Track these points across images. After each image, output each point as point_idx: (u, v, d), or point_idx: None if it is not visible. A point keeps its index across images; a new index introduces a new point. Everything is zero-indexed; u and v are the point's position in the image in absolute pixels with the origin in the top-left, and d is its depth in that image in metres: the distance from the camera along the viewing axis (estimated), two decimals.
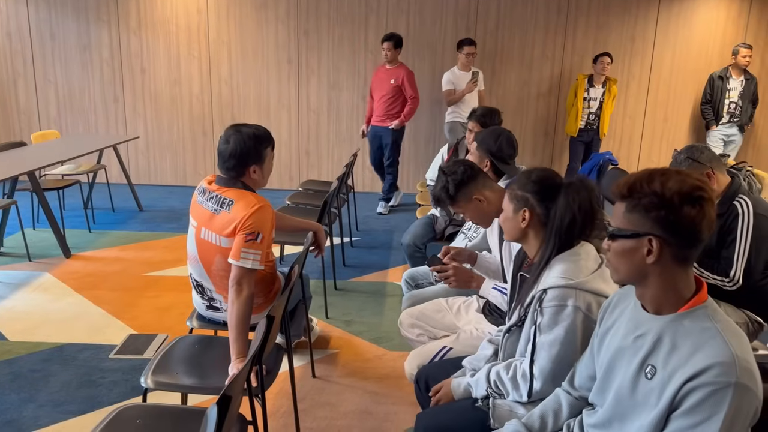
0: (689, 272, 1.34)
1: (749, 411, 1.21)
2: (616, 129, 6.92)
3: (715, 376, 1.20)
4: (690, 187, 1.26)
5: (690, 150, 2.65)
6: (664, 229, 1.28)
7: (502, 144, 2.97)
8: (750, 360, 1.23)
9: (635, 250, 1.31)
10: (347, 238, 5.32)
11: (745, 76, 6.21)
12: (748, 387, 1.19)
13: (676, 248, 1.28)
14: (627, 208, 1.32)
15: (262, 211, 2.33)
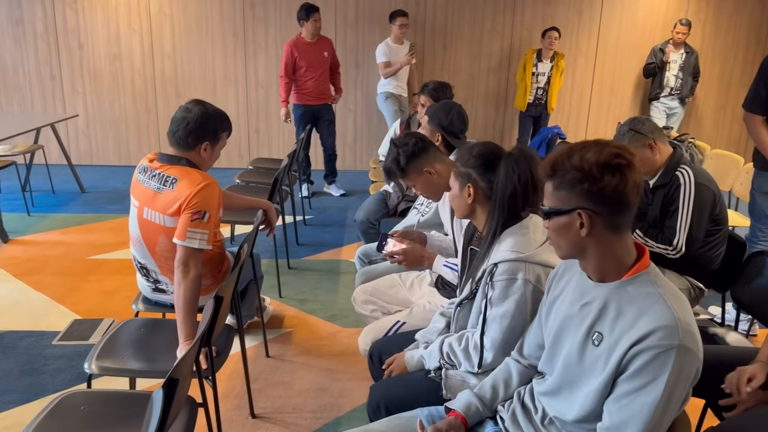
0: (626, 238, 1.36)
1: (691, 371, 1.25)
2: (564, 103, 7.02)
3: (658, 339, 1.23)
4: (608, 156, 1.28)
5: (632, 122, 2.69)
6: (590, 201, 1.29)
7: (453, 118, 2.96)
8: (691, 323, 1.27)
9: (569, 226, 1.33)
10: (300, 216, 5.26)
11: (686, 49, 6.37)
12: (689, 349, 1.23)
13: (607, 217, 1.30)
14: (554, 186, 1.34)
15: (208, 188, 2.25)
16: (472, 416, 1.61)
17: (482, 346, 1.76)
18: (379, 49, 6.02)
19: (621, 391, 1.28)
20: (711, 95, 7.11)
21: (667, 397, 1.23)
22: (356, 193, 6.09)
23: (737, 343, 2.41)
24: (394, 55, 6.01)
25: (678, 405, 1.28)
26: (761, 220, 3.31)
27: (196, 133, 2.28)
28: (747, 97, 3.25)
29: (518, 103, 6.45)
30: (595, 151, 1.29)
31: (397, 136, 2.48)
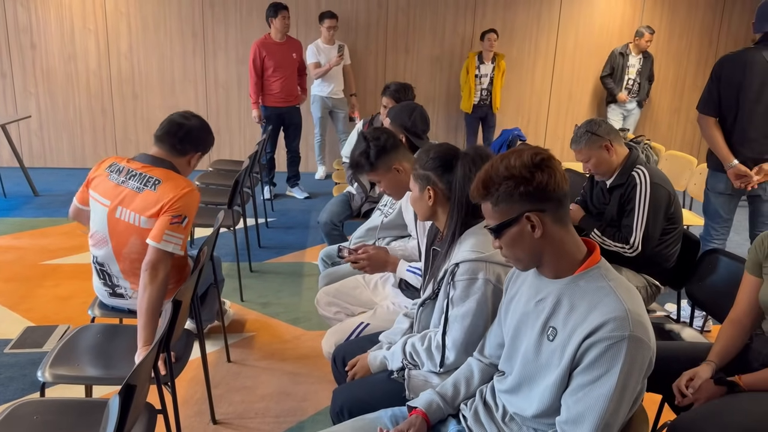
0: (573, 233, 1.40)
1: (644, 361, 1.28)
2: (523, 106, 7.13)
3: (610, 330, 1.26)
4: (530, 156, 1.33)
5: (589, 124, 2.75)
6: (532, 201, 1.33)
7: (416, 119, 2.97)
8: (642, 314, 1.30)
9: (522, 233, 1.35)
10: (262, 219, 5.20)
11: (643, 54, 6.54)
12: (641, 339, 1.26)
13: (551, 213, 1.34)
14: (492, 204, 1.37)
15: (192, 194, 2.24)
16: (433, 413, 1.61)
17: (444, 346, 1.76)
18: (309, 50, 5.96)
19: (576, 384, 1.31)
20: (665, 98, 7.31)
21: (622, 387, 1.26)
22: (320, 196, 6.05)
23: (692, 338, 2.47)
24: (324, 56, 5.98)
25: (633, 395, 1.31)
26: (715, 219, 3.41)
27: (194, 141, 2.31)
28: (700, 99, 3.36)
29: (464, 105, 6.52)
30: (516, 157, 1.34)
31: (367, 130, 2.46)
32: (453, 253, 1.81)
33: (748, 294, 2.00)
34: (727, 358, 1.95)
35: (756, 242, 2.01)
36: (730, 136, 3.20)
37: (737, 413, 1.72)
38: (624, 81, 6.53)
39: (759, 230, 3.36)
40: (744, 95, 3.12)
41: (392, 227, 2.87)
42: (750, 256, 2.02)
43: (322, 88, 6.09)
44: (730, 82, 3.15)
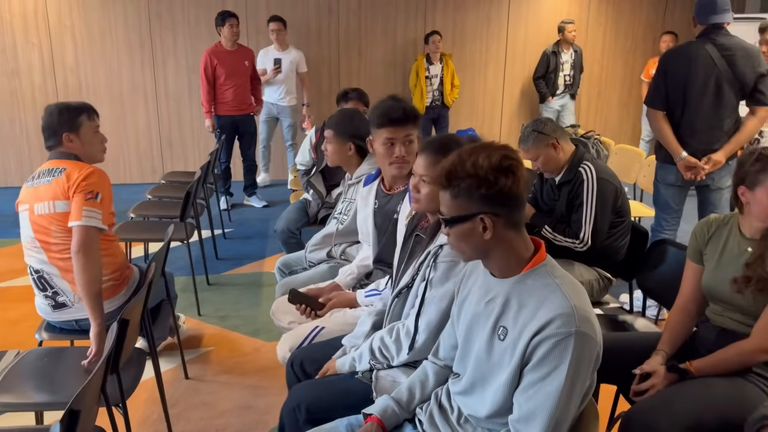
0: (523, 234, 1.41)
1: (591, 356, 1.30)
2: (477, 106, 7.20)
3: (557, 327, 1.27)
4: (499, 159, 1.32)
5: (535, 123, 2.80)
6: (490, 204, 1.34)
7: (357, 123, 2.92)
8: (587, 309, 1.32)
9: (472, 231, 1.36)
10: (219, 230, 5.11)
11: (573, 48, 6.68)
12: (587, 334, 1.28)
13: (506, 217, 1.35)
14: (451, 195, 1.36)
15: (98, 173, 2.32)
16: (389, 419, 1.60)
17: (416, 329, 1.76)
18: (259, 56, 5.93)
19: (527, 382, 1.32)
20: (615, 94, 7.48)
21: (571, 382, 1.27)
22: (278, 204, 6.00)
23: (645, 328, 2.52)
24: (268, 63, 5.94)
25: (582, 390, 1.33)
26: (666, 210, 3.50)
27: (49, 130, 2.39)
28: (648, 93, 3.44)
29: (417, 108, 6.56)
30: (485, 156, 1.33)
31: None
32: (439, 236, 1.81)
33: (691, 281, 2.05)
34: (676, 345, 1.99)
35: (695, 230, 2.07)
36: (678, 129, 3.28)
37: (688, 400, 1.76)
38: (561, 78, 6.66)
39: None
40: (690, 88, 3.21)
41: (347, 234, 2.85)
42: (691, 244, 2.07)
43: (270, 94, 6.04)
44: (676, 75, 3.24)
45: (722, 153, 3.24)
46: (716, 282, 1.94)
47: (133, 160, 6.68)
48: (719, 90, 3.19)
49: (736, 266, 1.89)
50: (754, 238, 1.88)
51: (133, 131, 6.61)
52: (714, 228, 2.01)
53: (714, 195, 3.40)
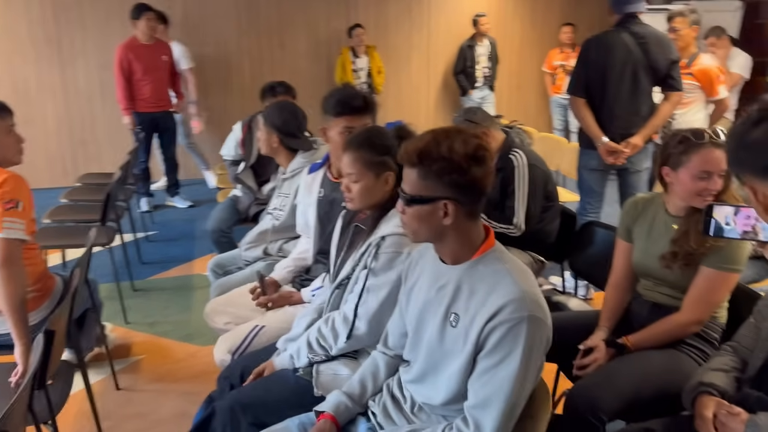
0: (479, 222, 1.42)
1: (543, 339, 1.32)
2: (403, 98, 7.24)
3: (509, 313, 1.28)
4: (474, 147, 1.32)
5: (466, 113, 2.86)
6: (457, 191, 1.33)
7: (287, 118, 2.86)
8: (537, 293, 1.34)
9: (432, 214, 1.35)
10: (142, 233, 4.88)
11: (489, 40, 6.83)
12: (539, 318, 1.30)
13: (468, 206, 1.35)
14: (419, 175, 1.34)
15: (15, 179, 2.14)
16: (342, 414, 1.57)
17: (355, 316, 1.73)
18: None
19: (482, 368, 1.32)
20: (533, 85, 7.71)
21: (525, 367, 1.29)
22: (204, 203, 5.79)
23: (579, 307, 2.62)
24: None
25: (536, 373, 1.34)
26: (589, 194, 3.64)
27: None
28: (570, 82, 3.56)
29: None
30: (461, 141, 1.32)
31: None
32: (379, 228, 1.79)
33: (622, 259, 2.13)
34: (614, 321, 2.07)
35: (624, 210, 2.15)
36: (599, 115, 3.41)
37: (627, 374, 1.83)
38: (479, 70, 6.80)
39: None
40: (609, 76, 3.34)
41: (284, 230, 2.78)
42: (620, 224, 2.15)
43: None
44: (595, 64, 3.36)
45: (640, 137, 3.40)
46: (646, 258, 2.03)
47: (41, 164, 6.26)
48: (636, 77, 3.34)
49: (664, 243, 1.97)
50: (678, 215, 1.97)
51: (41, 133, 6.20)
52: (641, 207, 2.10)
53: (633, 177, 3.57)
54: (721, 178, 1.86)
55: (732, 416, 1.45)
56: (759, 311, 1.67)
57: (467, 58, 6.77)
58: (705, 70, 3.76)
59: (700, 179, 1.86)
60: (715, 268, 1.85)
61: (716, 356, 1.69)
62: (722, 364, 1.64)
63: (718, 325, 1.94)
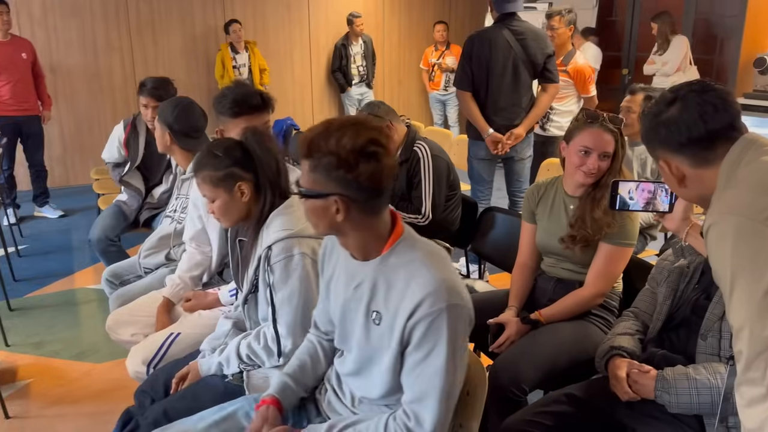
0: (383, 216, 1.37)
1: (465, 323, 1.34)
2: (287, 95, 7.15)
3: (429, 307, 1.27)
4: (364, 142, 1.25)
5: (369, 107, 2.91)
6: (346, 187, 1.27)
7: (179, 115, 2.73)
8: (453, 278, 1.34)
9: (325, 209, 1.30)
10: (12, 247, 4.44)
11: (363, 38, 6.96)
12: (458, 305, 1.30)
13: (363, 203, 1.29)
14: (310, 168, 1.30)
15: None
16: (288, 397, 1.54)
17: (278, 335, 1.69)
18: None
19: (411, 364, 1.32)
20: (414, 81, 7.93)
21: (452, 355, 1.29)
22: (78, 212, 5.38)
23: (485, 289, 2.75)
24: None
25: (464, 357, 1.36)
26: (480, 182, 3.83)
27: None
28: (456, 77, 3.71)
29: None
30: (351, 135, 1.25)
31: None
32: (261, 238, 1.75)
33: (527, 240, 2.28)
34: (523, 299, 2.21)
35: (527, 194, 2.30)
36: (484, 108, 3.59)
37: (543, 346, 1.96)
38: (354, 69, 6.90)
39: (514, 187, 3.85)
40: (492, 70, 3.53)
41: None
42: (524, 207, 2.30)
43: None
44: (479, 59, 3.54)
45: (522, 127, 3.62)
46: (547, 237, 2.18)
47: None
48: (516, 70, 3.55)
49: (563, 222, 2.13)
50: (575, 195, 2.14)
51: None
52: (543, 190, 2.25)
53: (518, 165, 3.80)
54: (605, 160, 2.03)
55: (643, 374, 1.60)
56: (653, 278, 1.85)
57: (342, 56, 6.85)
58: (579, 69, 4.07)
59: (580, 154, 2.02)
60: (612, 244, 2.03)
61: (620, 322, 1.86)
62: (627, 328, 1.81)
63: (616, 294, 2.13)
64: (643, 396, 1.60)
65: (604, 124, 2.02)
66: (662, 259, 1.83)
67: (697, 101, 1.23)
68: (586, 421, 1.68)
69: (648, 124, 1.31)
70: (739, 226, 1.11)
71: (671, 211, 1.58)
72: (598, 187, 2.06)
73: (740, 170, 1.17)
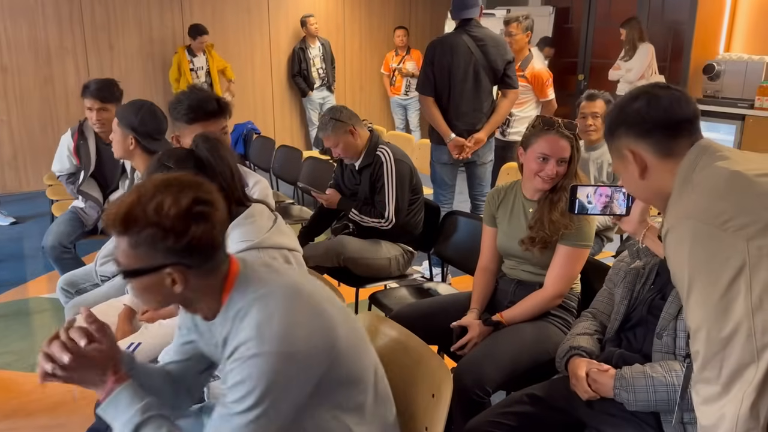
0: (223, 270, 1.25)
1: (287, 371, 1.17)
2: (247, 99, 7.08)
3: (243, 351, 1.17)
4: (189, 203, 1.15)
5: (332, 111, 2.90)
6: (178, 256, 1.15)
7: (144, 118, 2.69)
8: (282, 322, 1.18)
9: (159, 284, 1.17)
10: None
11: (320, 41, 6.95)
12: (275, 352, 1.16)
13: (200, 266, 1.19)
14: (130, 245, 1.15)
15: None
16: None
17: None
18: None
19: (219, 407, 1.22)
20: (375, 85, 7.95)
21: (262, 404, 1.16)
22: (31, 219, 5.20)
23: (447, 291, 2.78)
24: None
25: (291, 408, 1.22)
26: (442, 186, 3.86)
27: None
28: (418, 82, 3.75)
29: None
30: (172, 199, 1.14)
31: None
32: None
33: (489, 243, 2.31)
34: (485, 301, 2.24)
35: (488, 198, 2.33)
36: (446, 113, 3.63)
37: (505, 347, 1.99)
38: (314, 72, 6.89)
39: (476, 191, 3.90)
40: (453, 76, 3.57)
41: None
42: (485, 211, 2.33)
43: None
44: (441, 64, 3.57)
45: (483, 132, 3.67)
46: (508, 240, 2.21)
47: None
48: (477, 76, 3.60)
49: (522, 225, 2.17)
50: (533, 199, 2.18)
51: None
52: (503, 194, 2.29)
53: (479, 170, 3.85)
54: (561, 165, 2.08)
55: (602, 373, 1.64)
56: (610, 279, 1.90)
57: (301, 60, 6.83)
58: (537, 73, 4.15)
59: (539, 160, 2.07)
60: (570, 246, 2.07)
61: (579, 323, 1.90)
62: (585, 328, 1.85)
63: (575, 295, 2.18)
64: (602, 394, 1.63)
65: (560, 130, 2.07)
66: (619, 260, 1.88)
67: (663, 94, 1.29)
68: (548, 420, 1.72)
69: (616, 112, 1.35)
70: (696, 230, 1.13)
71: (628, 214, 1.61)
72: (556, 190, 2.11)
73: (695, 175, 1.20)
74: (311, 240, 3.08)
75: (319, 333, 1.23)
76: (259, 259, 1.33)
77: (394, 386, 1.69)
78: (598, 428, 1.65)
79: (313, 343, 1.21)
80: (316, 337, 1.22)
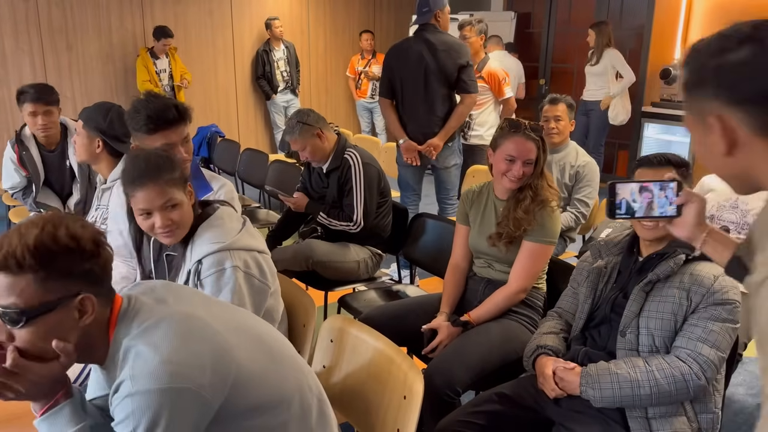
0: (110, 297, 1.20)
1: (172, 410, 1.10)
2: (211, 101, 7.00)
3: (128, 388, 1.11)
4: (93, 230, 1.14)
5: (299, 114, 2.89)
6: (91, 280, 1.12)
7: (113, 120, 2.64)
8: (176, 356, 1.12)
9: (63, 321, 1.10)
10: None
11: (285, 44, 6.93)
12: (158, 389, 1.10)
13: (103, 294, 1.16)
14: (38, 279, 1.07)
15: None
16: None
17: None
18: None
19: None
20: (341, 89, 7.95)
21: None
22: None
23: (416, 293, 2.80)
24: None
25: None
26: (406, 189, 3.89)
27: None
28: (380, 84, 3.78)
29: None
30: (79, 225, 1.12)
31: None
32: (191, 252, 1.71)
33: (461, 241, 2.35)
34: (454, 303, 2.27)
35: (462, 197, 2.38)
36: (402, 116, 3.68)
37: (473, 347, 2.02)
38: (278, 74, 6.86)
39: (442, 194, 3.93)
40: (406, 80, 3.61)
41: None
42: (459, 209, 2.38)
43: None
44: (396, 69, 3.62)
45: (439, 137, 3.65)
46: (479, 238, 2.26)
47: None
48: (427, 81, 3.60)
49: (493, 223, 2.22)
50: (503, 198, 2.23)
51: None
52: (476, 194, 2.33)
53: (443, 174, 3.87)
54: (528, 166, 2.12)
55: (568, 371, 1.68)
56: (574, 279, 1.95)
57: (265, 62, 6.79)
58: (492, 72, 4.21)
59: (506, 161, 2.12)
60: (534, 242, 2.13)
61: (545, 322, 1.94)
62: (551, 327, 1.89)
63: (541, 294, 2.22)
64: (569, 392, 1.67)
65: (526, 132, 2.12)
66: (582, 260, 1.93)
67: None
68: (517, 418, 1.75)
69: (706, 64, 0.93)
70: None
71: (680, 215, 1.31)
72: (522, 189, 2.17)
73: None
74: (279, 244, 3.07)
75: (211, 363, 1.15)
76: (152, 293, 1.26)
77: (366, 389, 1.70)
78: (565, 425, 1.69)
79: (204, 375, 1.13)
80: (207, 369, 1.14)
